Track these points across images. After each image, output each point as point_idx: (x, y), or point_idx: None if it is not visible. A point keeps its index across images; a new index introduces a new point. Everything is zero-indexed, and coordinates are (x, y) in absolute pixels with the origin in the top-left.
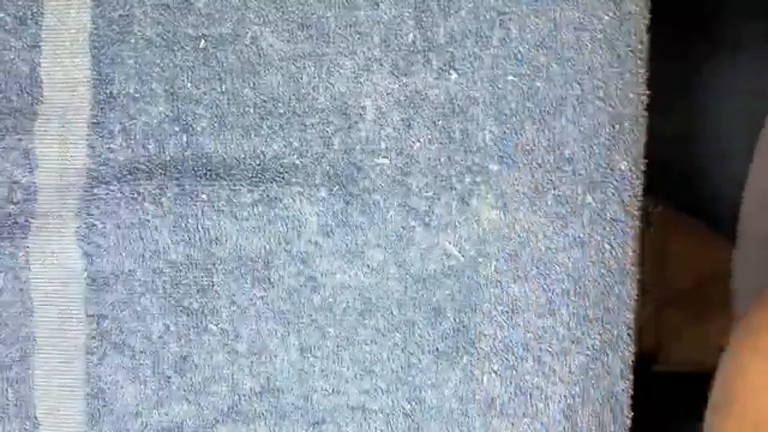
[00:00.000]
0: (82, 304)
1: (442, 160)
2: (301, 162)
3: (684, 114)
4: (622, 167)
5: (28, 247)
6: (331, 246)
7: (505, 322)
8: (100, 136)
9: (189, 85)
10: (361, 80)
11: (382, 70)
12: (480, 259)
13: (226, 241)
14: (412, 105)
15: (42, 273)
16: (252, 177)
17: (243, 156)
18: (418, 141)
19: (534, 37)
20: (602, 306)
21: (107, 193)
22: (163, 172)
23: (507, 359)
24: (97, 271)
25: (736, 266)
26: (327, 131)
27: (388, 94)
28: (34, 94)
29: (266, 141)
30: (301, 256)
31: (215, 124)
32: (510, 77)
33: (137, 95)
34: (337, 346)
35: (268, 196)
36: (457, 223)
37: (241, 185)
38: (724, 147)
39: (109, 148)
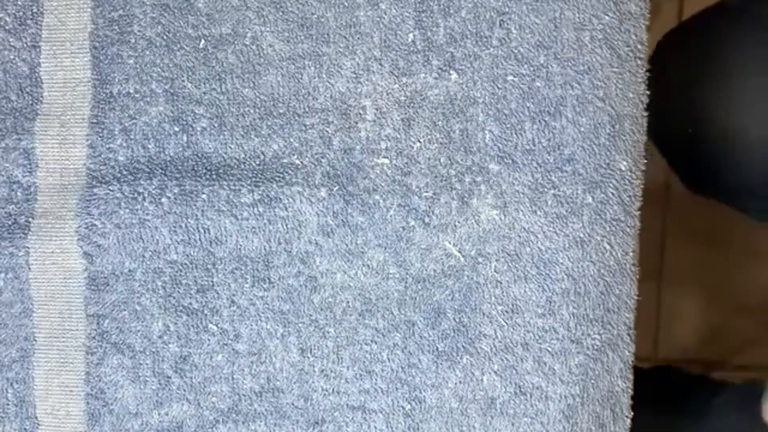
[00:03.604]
0: (82, 304)
1: (442, 160)
2: (301, 162)
3: None
4: (622, 167)
5: (28, 247)
6: (331, 246)
7: (505, 322)
8: (100, 136)
9: (189, 85)
10: (361, 80)
11: (382, 70)
12: (480, 259)
13: (226, 241)
14: (412, 105)
15: (42, 273)
16: (252, 177)
17: (243, 156)
18: (418, 141)
19: (534, 37)
20: (602, 306)
21: (107, 193)
22: (163, 172)
23: (507, 359)
24: (97, 271)
25: None
26: (327, 131)
27: (388, 94)
28: (34, 94)
29: (266, 141)
30: (301, 256)
31: (215, 124)
32: (510, 77)
33: (137, 95)
34: (337, 346)
35: (268, 196)
36: (457, 223)
37: (241, 185)
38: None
39: (109, 148)
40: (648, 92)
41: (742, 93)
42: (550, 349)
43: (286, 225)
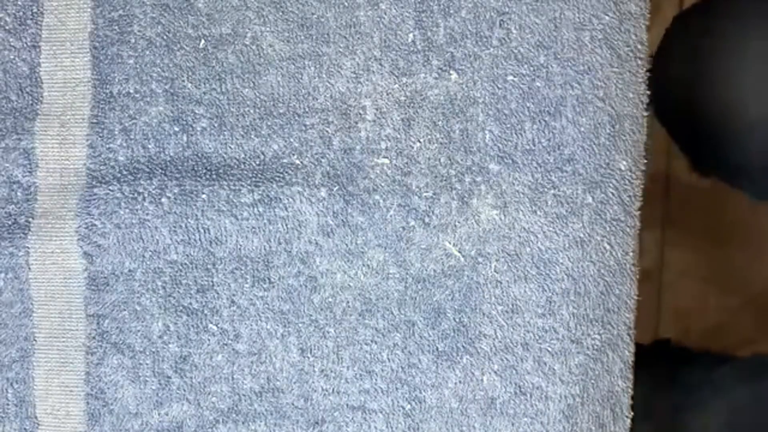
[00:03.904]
0: (82, 304)
1: (442, 160)
2: (301, 162)
3: None
4: (622, 167)
5: (28, 247)
6: (331, 246)
7: (505, 322)
8: (100, 136)
9: (189, 85)
10: (361, 80)
11: (382, 70)
12: (480, 259)
13: (226, 241)
14: (412, 105)
15: (42, 273)
16: (252, 177)
17: (243, 156)
18: (418, 141)
19: (534, 37)
20: (602, 306)
21: (107, 193)
22: (163, 172)
23: (507, 359)
24: (97, 271)
25: None
26: (327, 131)
27: (388, 94)
28: (34, 94)
29: (266, 141)
30: (301, 256)
31: (215, 124)
32: (510, 77)
33: (137, 95)
34: (337, 346)
35: (268, 196)
36: (457, 223)
37: (241, 185)
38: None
39: (109, 148)
40: (648, 92)
41: (742, 66)
42: (550, 349)
43: (286, 225)
